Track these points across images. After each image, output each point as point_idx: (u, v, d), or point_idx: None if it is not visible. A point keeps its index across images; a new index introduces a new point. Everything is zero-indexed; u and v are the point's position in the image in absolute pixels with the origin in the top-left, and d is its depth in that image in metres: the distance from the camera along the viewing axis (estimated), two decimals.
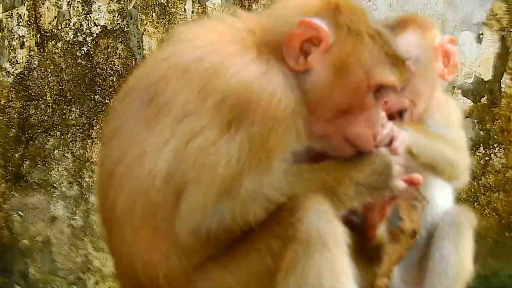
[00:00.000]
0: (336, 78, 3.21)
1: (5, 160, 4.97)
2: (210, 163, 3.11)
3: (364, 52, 3.22)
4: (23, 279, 4.99)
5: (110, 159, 3.29)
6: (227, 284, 3.20)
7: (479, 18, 5.57)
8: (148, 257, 3.22)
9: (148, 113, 3.23)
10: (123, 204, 3.23)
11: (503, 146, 5.63)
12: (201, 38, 3.30)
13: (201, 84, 3.17)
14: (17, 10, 4.95)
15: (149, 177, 3.16)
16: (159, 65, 3.31)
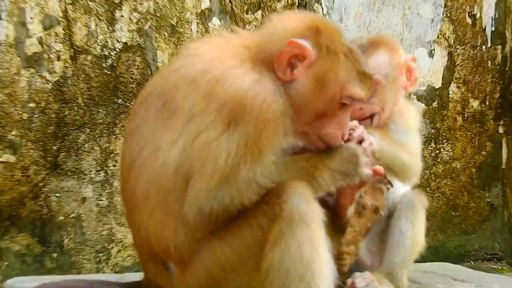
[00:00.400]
0: (315, 88, 3.22)
1: (45, 152, 4.91)
2: (212, 156, 3.10)
3: (340, 69, 3.22)
4: (59, 248, 4.97)
5: (130, 153, 3.29)
6: (224, 253, 3.20)
7: (431, 37, 5.58)
8: (160, 232, 3.22)
9: (161, 116, 3.22)
10: (141, 190, 3.23)
11: (450, 142, 5.65)
12: (205, 53, 3.28)
13: (206, 91, 3.16)
14: (54, 29, 4.90)
15: (162, 168, 3.16)
16: (170, 75, 3.30)
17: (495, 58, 5.72)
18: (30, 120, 4.90)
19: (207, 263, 3.24)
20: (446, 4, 5.60)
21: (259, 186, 3.16)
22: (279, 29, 3.29)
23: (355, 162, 3.26)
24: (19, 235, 4.91)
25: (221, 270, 3.23)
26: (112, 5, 5.02)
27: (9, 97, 4.86)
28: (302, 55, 3.21)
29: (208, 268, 3.24)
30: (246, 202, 3.14)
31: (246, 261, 3.20)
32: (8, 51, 4.85)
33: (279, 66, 3.22)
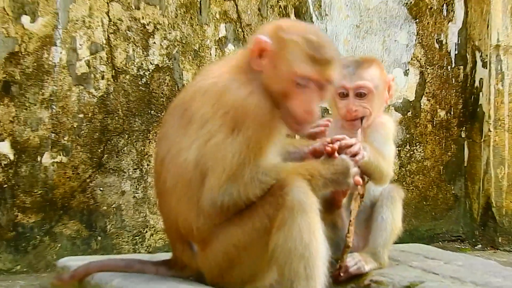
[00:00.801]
0: (274, 73, 3.20)
1: (91, 154, 4.93)
2: (221, 157, 3.12)
3: (289, 53, 3.18)
4: (103, 233, 4.99)
5: (161, 152, 3.31)
6: (237, 236, 3.21)
7: (406, 59, 5.58)
8: (185, 217, 3.24)
9: (182, 122, 3.24)
10: (170, 182, 3.25)
11: (422, 145, 5.63)
12: (214, 71, 3.31)
13: (214, 100, 3.18)
14: (99, 54, 4.92)
15: (184, 164, 3.18)
16: (189, 89, 3.34)
17: (458, 76, 5.72)
18: (79, 128, 4.92)
19: (223, 244, 3.24)
20: (418, 32, 5.61)
21: (262, 183, 3.15)
22: (255, 34, 3.30)
23: (345, 173, 3.24)
24: (70, 222, 4.93)
25: (235, 250, 3.23)
26: (146, 34, 5.03)
27: (62, 109, 4.88)
28: (265, 48, 3.20)
29: (224, 247, 3.24)
30: (251, 196, 3.15)
31: (256, 243, 3.20)
32: (61, 72, 4.87)
33: (252, 61, 3.23)
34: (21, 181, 4.80)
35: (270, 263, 3.21)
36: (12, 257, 4.80)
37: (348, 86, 3.65)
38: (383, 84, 3.71)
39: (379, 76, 3.69)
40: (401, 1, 5.54)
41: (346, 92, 3.66)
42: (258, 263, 3.26)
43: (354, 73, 3.65)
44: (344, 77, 3.61)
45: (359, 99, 3.66)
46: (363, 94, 3.65)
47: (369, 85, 3.64)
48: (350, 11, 5.41)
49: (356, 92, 3.66)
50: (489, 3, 5.58)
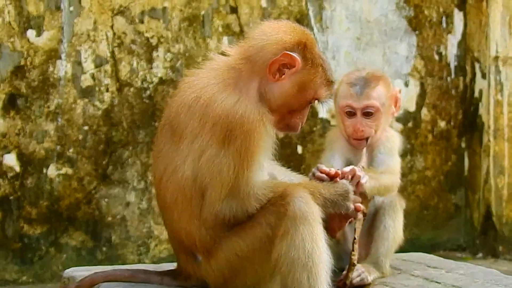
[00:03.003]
0: (296, 91, 3.23)
1: (96, 165, 4.94)
2: (217, 171, 3.12)
3: (318, 79, 3.24)
4: (108, 243, 5.00)
5: (158, 171, 3.29)
6: (240, 245, 3.21)
7: (406, 71, 5.58)
8: (188, 230, 3.23)
9: (174, 139, 3.21)
10: (170, 198, 3.24)
11: (423, 155, 5.64)
12: (196, 84, 3.25)
13: (200, 113, 3.15)
14: (104, 67, 4.94)
15: (182, 181, 3.17)
16: (174, 106, 3.28)
17: (458, 87, 5.72)
18: (84, 140, 4.93)
19: (226, 254, 3.23)
20: (418, 44, 5.60)
21: (258, 198, 3.16)
22: (272, 41, 3.25)
23: (345, 197, 3.24)
24: (76, 233, 4.94)
25: (238, 259, 3.22)
26: (150, 47, 5.04)
27: (67, 122, 4.90)
28: (291, 64, 3.21)
29: (227, 257, 3.23)
30: (250, 210, 3.15)
31: (258, 252, 3.19)
32: (66, 85, 4.88)
33: (271, 70, 3.20)
34: (27, 192, 4.82)
35: (274, 273, 3.20)
36: (18, 268, 4.81)
37: (356, 106, 3.59)
38: (390, 100, 3.67)
39: (386, 92, 3.64)
40: (401, 13, 5.55)
41: (353, 111, 3.61)
42: (261, 272, 3.25)
43: (361, 93, 3.59)
44: (351, 96, 3.57)
45: (366, 118, 3.60)
46: (370, 113, 3.60)
47: (376, 104, 3.58)
48: (350, 24, 5.41)
49: (363, 112, 3.60)
50: (487, 15, 5.58)
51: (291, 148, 5.35)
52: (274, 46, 3.23)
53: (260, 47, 3.25)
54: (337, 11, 5.40)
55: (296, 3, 5.31)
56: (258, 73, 3.23)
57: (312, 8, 5.34)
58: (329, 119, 5.36)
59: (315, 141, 5.33)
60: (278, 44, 3.23)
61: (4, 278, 4.79)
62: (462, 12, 5.71)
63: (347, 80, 3.63)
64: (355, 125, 3.60)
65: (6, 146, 4.78)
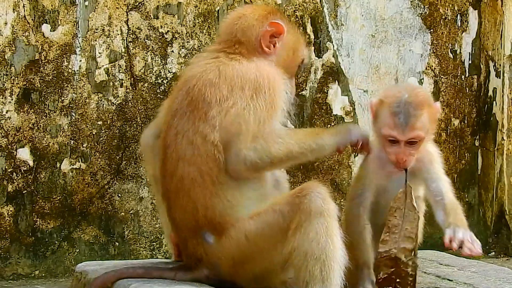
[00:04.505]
0: (290, 55, 3.49)
1: (109, 160, 4.93)
2: (244, 121, 3.27)
3: (300, 39, 3.56)
4: (121, 238, 4.98)
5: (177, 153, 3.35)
6: (250, 228, 3.26)
7: (420, 69, 5.55)
8: (209, 204, 3.31)
9: (196, 117, 3.32)
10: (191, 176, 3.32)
11: None
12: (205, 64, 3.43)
13: (227, 84, 3.30)
14: (118, 62, 4.93)
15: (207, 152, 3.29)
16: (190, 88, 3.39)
17: (472, 86, 5.68)
18: (98, 135, 4.91)
19: (238, 234, 3.27)
20: (432, 42, 5.57)
21: (279, 135, 3.28)
22: (251, 19, 3.46)
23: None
24: (89, 228, 4.93)
25: (247, 243, 3.27)
26: (165, 42, 5.02)
27: (81, 117, 4.88)
28: (278, 32, 3.42)
29: (238, 238, 3.28)
30: (273, 151, 3.26)
31: (268, 239, 3.24)
32: (81, 80, 4.87)
33: (264, 43, 3.41)
34: (40, 187, 4.82)
35: (286, 265, 3.25)
36: (31, 262, 4.81)
37: (400, 139, 3.39)
38: (434, 123, 3.55)
39: (430, 118, 3.48)
40: (416, 11, 5.52)
41: (396, 140, 3.40)
42: (270, 261, 3.28)
43: (406, 124, 3.36)
44: (395, 127, 3.37)
45: (410, 147, 3.42)
46: (415, 142, 3.42)
47: (421, 134, 3.40)
48: (365, 21, 5.39)
49: (407, 141, 3.41)
50: (502, 14, 5.55)
51: None
52: (256, 21, 3.44)
53: (246, 27, 3.45)
54: (352, 9, 5.37)
55: (311, 0, 5.28)
56: (255, 51, 3.41)
57: (327, 5, 5.32)
58: (343, 116, 5.34)
59: None
60: (259, 19, 3.44)
61: (17, 272, 4.79)
62: (476, 11, 5.67)
63: (390, 106, 3.41)
64: (399, 154, 3.42)
65: (20, 140, 4.77)
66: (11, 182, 4.77)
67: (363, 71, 5.37)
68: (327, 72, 5.29)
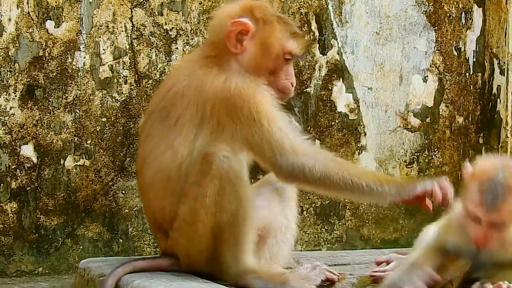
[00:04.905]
0: (262, 52, 3.34)
1: (113, 157, 4.92)
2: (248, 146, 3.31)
3: (277, 33, 3.35)
4: (125, 235, 4.96)
5: (143, 154, 3.46)
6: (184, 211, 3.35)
7: (424, 66, 5.53)
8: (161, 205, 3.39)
9: (168, 124, 3.32)
10: (151, 179, 3.41)
11: (440, 150, 5.63)
12: (184, 72, 3.42)
13: (195, 100, 3.26)
14: (122, 59, 4.90)
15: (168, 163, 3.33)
16: (164, 94, 3.43)
17: (476, 83, 5.67)
18: (102, 131, 4.89)
19: (178, 223, 3.35)
20: (437, 40, 5.55)
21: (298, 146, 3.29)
22: (220, 19, 3.43)
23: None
24: (92, 224, 4.90)
25: (185, 225, 3.33)
26: (169, 39, 4.99)
27: (85, 113, 4.86)
28: (245, 30, 3.32)
29: (179, 226, 3.34)
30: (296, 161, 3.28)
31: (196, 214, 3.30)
32: (85, 76, 4.84)
33: (230, 43, 3.32)
34: (44, 184, 4.80)
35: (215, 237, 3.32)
36: (34, 259, 4.80)
37: (483, 218, 3.17)
38: None
39: None
40: (420, 9, 5.51)
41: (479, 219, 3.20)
42: (206, 236, 3.32)
43: (491, 205, 3.14)
44: (481, 205, 3.16)
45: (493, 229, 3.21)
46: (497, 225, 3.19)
47: (505, 219, 3.18)
48: (370, 19, 5.36)
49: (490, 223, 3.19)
50: (507, 12, 5.54)
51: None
52: (223, 21, 3.40)
53: (215, 28, 3.45)
54: (356, 6, 5.35)
55: None
56: (225, 51, 3.35)
57: (332, 2, 5.30)
58: (347, 113, 5.31)
59: (334, 135, 5.25)
60: (226, 18, 3.40)
61: (20, 269, 4.77)
62: (481, 8, 5.65)
63: (480, 183, 3.19)
64: (479, 234, 3.21)
65: (24, 137, 4.75)
66: (15, 179, 4.75)
67: (368, 69, 5.35)
68: (332, 69, 5.27)
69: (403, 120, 5.46)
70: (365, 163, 5.28)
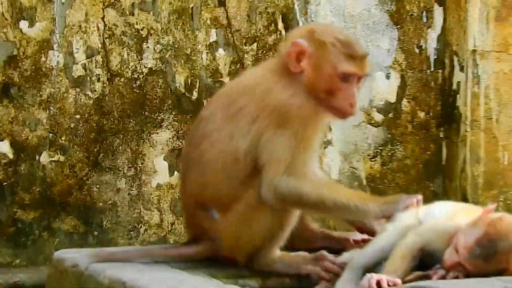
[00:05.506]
0: (317, 73, 3.36)
1: (88, 153, 4.94)
2: (274, 150, 3.29)
3: (328, 54, 3.35)
4: (99, 228, 4.98)
5: (204, 130, 3.46)
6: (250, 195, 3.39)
7: (387, 63, 5.57)
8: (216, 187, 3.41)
9: (229, 111, 3.38)
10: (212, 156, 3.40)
11: (403, 144, 5.64)
12: (257, 74, 3.50)
13: (259, 100, 3.34)
14: (95, 58, 4.92)
15: (234, 149, 3.35)
16: (235, 85, 3.55)
17: (437, 80, 5.70)
18: (76, 128, 4.90)
19: (241, 206, 3.37)
20: (399, 38, 5.57)
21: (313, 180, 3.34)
22: (289, 39, 3.50)
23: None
24: (68, 218, 4.91)
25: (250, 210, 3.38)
26: (140, 38, 5.01)
27: (59, 110, 4.87)
28: (302, 51, 3.35)
29: (242, 209, 3.38)
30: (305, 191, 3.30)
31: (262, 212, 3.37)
32: (59, 75, 4.86)
33: (290, 62, 3.37)
34: (20, 179, 4.81)
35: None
36: (12, 252, 4.81)
37: (462, 262, 3.09)
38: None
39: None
40: (383, 8, 5.54)
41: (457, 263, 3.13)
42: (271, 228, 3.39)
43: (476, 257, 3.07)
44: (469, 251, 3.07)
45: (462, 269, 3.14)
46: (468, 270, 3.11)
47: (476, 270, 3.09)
48: (334, 18, 5.39)
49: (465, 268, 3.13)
50: (466, 11, 5.56)
51: None
52: (287, 42, 3.45)
53: (284, 46, 3.48)
54: (321, 6, 5.37)
55: None
56: (288, 69, 3.40)
57: (298, 2, 5.32)
58: None
59: None
60: (289, 39, 3.46)
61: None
62: (442, 8, 5.68)
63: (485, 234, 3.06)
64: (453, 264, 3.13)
65: (0, 134, 4.77)
66: None
67: None
68: None
69: (366, 115, 5.49)
70: (331, 157, 5.33)
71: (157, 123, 5.04)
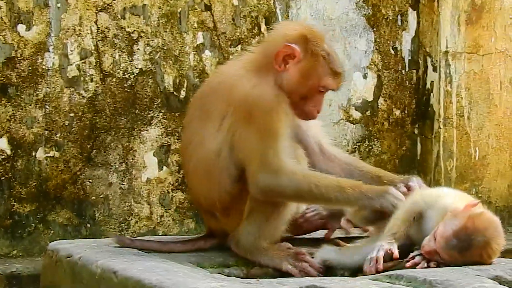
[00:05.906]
0: (301, 79, 3.37)
1: (81, 149, 4.96)
2: (248, 147, 3.28)
3: (319, 67, 3.37)
4: (92, 220, 5.01)
5: (185, 140, 3.50)
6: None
7: (364, 64, 5.61)
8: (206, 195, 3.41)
9: (201, 116, 3.38)
10: (192, 167, 3.43)
11: (379, 140, 5.67)
12: (222, 71, 3.52)
13: (225, 97, 3.33)
14: (88, 59, 4.95)
15: (207, 153, 3.34)
16: (205, 86, 3.55)
17: (411, 79, 5.75)
18: (70, 125, 4.94)
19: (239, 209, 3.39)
20: (375, 40, 5.63)
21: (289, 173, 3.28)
22: (279, 36, 3.46)
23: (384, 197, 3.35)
24: (62, 211, 4.95)
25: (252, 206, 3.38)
26: (131, 41, 5.05)
27: (55, 109, 4.90)
28: (293, 55, 3.34)
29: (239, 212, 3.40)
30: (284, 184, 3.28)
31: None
32: (54, 75, 4.89)
33: (277, 61, 3.36)
34: (17, 174, 4.83)
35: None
36: (9, 243, 4.83)
37: (439, 252, 3.07)
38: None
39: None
40: (360, 12, 5.57)
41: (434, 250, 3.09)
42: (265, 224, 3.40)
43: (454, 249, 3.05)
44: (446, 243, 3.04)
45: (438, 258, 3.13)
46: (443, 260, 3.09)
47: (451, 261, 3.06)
48: (314, 21, 5.40)
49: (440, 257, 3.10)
50: (438, 14, 5.62)
51: None
52: (279, 40, 3.42)
53: (270, 41, 3.49)
54: (302, 10, 5.41)
55: (265, 2, 5.32)
56: (271, 64, 3.38)
57: (280, 6, 5.35)
58: None
59: None
60: (282, 38, 3.41)
61: None
62: (415, 11, 5.73)
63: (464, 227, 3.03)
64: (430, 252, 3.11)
65: None
66: None
67: None
68: None
69: (345, 113, 5.53)
70: None
71: (147, 120, 5.04)
